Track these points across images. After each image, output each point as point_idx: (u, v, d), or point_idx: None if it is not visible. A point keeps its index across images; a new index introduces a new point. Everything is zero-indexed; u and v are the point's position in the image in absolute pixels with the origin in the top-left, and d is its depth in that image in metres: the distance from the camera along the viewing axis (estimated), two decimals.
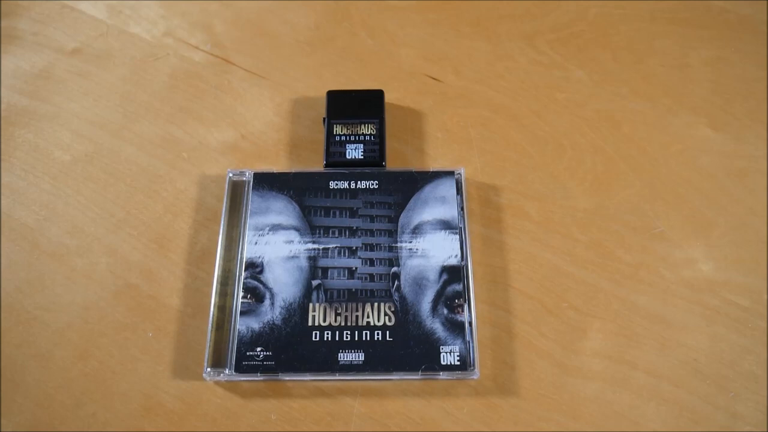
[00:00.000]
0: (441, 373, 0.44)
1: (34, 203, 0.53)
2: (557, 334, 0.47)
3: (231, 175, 0.53)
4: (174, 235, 0.51)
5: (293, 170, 0.53)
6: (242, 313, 0.46)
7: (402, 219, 0.50)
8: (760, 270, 0.50)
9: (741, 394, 0.45)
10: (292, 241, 0.49)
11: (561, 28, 0.64)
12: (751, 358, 0.46)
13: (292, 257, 0.49)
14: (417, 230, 0.50)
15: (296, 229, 0.50)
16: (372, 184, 0.52)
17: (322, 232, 0.50)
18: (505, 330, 0.47)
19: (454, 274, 0.48)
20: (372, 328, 0.46)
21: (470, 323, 0.46)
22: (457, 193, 0.51)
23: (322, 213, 0.51)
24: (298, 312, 0.47)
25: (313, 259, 0.49)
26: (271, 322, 0.46)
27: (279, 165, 0.55)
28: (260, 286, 0.47)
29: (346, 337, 0.46)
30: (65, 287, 0.49)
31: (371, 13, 0.65)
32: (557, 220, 0.52)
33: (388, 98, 0.58)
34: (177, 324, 0.48)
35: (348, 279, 0.48)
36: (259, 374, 0.44)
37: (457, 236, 0.49)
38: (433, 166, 0.54)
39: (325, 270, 0.48)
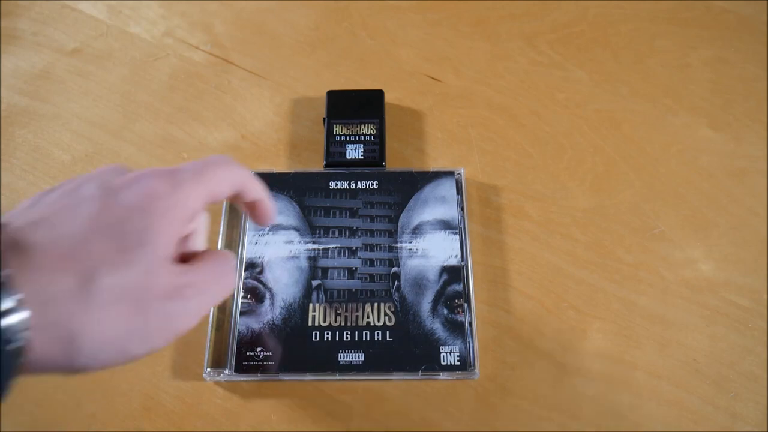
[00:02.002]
0: (441, 373, 0.44)
1: None
2: (557, 334, 0.47)
3: None
4: None
5: (293, 170, 0.53)
6: (242, 313, 0.46)
7: (402, 219, 0.50)
8: (760, 270, 0.50)
9: (741, 394, 0.45)
10: (292, 242, 0.49)
11: (561, 28, 0.64)
12: (751, 358, 0.46)
13: (292, 257, 0.49)
14: (417, 230, 0.50)
15: (296, 229, 0.50)
16: (372, 184, 0.52)
17: (322, 232, 0.50)
18: (505, 330, 0.47)
19: (454, 274, 0.48)
20: (372, 329, 0.46)
21: (470, 323, 0.46)
22: (457, 193, 0.51)
23: (322, 213, 0.51)
24: (298, 312, 0.46)
25: (313, 259, 0.49)
26: (271, 322, 0.46)
27: (279, 165, 0.55)
28: (260, 286, 0.47)
29: (346, 338, 0.46)
30: None
31: (371, 13, 0.65)
32: (557, 220, 0.52)
33: (388, 98, 0.58)
34: None
35: (348, 279, 0.48)
36: (259, 374, 0.44)
37: (457, 236, 0.49)
38: (433, 166, 0.54)
39: (325, 270, 0.48)
